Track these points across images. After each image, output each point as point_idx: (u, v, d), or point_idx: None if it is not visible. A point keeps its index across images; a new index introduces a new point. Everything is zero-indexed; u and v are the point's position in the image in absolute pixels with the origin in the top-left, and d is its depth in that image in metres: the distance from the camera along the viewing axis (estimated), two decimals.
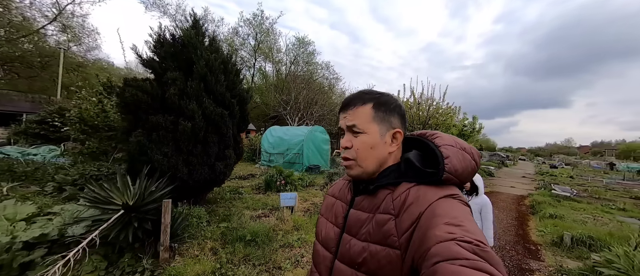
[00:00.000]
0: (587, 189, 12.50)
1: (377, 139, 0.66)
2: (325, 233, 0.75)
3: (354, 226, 0.67)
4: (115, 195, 2.53)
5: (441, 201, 0.56)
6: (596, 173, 26.12)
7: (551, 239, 4.64)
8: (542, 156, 69.87)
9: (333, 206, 0.78)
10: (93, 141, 5.64)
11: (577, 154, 79.27)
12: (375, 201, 0.66)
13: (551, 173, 21.55)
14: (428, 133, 0.70)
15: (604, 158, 58.58)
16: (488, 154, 39.55)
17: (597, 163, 40.77)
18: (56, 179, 4.72)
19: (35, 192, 4.41)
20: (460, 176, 0.62)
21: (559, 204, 7.80)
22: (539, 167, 31.07)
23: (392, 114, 0.67)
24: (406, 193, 0.61)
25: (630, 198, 10.89)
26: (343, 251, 0.66)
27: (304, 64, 28.48)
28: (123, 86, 3.60)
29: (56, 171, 5.32)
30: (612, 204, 8.69)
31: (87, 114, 5.45)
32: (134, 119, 3.57)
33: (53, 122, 9.09)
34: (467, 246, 0.43)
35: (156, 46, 3.73)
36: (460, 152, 0.64)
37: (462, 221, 0.50)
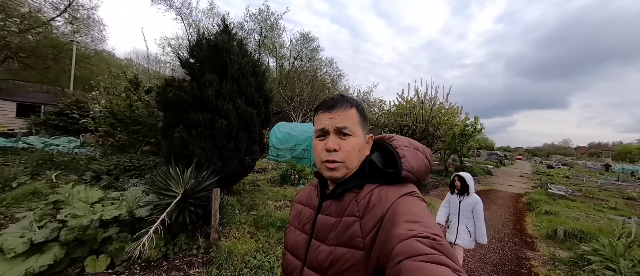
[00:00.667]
0: (582, 189, 12.98)
1: (363, 142, 0.69)
2: (294, 241, 0.74)
3: (322, 231, 0.67)
4: (173, 184, 2.92)
5: (401, 199, 0.59)
6: (592, 173, 26.64)
7: (546, 232, 5.09)
8: (539, 156, 70.58)
9: (301, 213, 0.78)
10: (123, 134, 6.00)
11: (574, 155, 79.98)
12: (341, 204, 0.67)
13: (548, 172, 22.08)
14: (386, 137, 0.75)
15: (600, 159, 59.22)
16: (486, 153, 40.07)
17: (593, 164, 41.40)
18: (93, 169, 5.10)
19: (75, 180, 4.79)
20: (416, 173, 0.66)
21: (554, 203, 8.24)
22: (536, 167, 31.62)
23: (366, 120, 0.72)
24: (369, 195, 0.63)
25: (623, 198, 11.35)
26: (311, 257, 0.67)
27: (307, 60, 28.68)
28: (164, 86, 3.95)
29: (88, 161, 5.70)
30: (605, 203, 9.14)
31: (117, 109, 5.80)
32: (174, 116, 3.94)
33: (72, 114, 9.41)
34: (426, 241, 0.47)
35: (193, 50, 4.08)
36: (415, 151, 0.69)
37: (421, 217, 0.53)
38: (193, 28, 24.75)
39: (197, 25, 24.88)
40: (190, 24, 24.57)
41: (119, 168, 5.15)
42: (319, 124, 0.69)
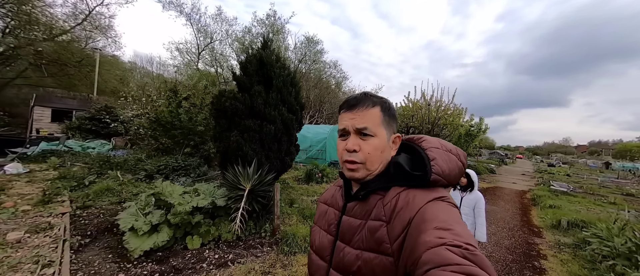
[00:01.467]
0: (583, 186, 13.49)
1: (385, 143, 0.66)
2: (319, 241, 0.74)
3: (347, 233, 0.66)
4: (242, 179, 3.50)
5: (430, 204, 0.56)
6: (592, 171, 27.03)
7: (551, 223, 5.64)
8: (540, 155, 70.94)
9: (326, 214, 0.77)
10: (164, 137, 6.60)
11: (574, 153, 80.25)
12: (366, 207, 0.65)
13: (549, 171, 22.56)
14: (415, 137, 0.72)
15: (600, 157, 59.41)
16: (487, 152, 40.55)
17: (594, 162, 41.75)
18: (145, 169, 5.70)
19: (133, 178, 5.39)
20: (448, 177, 0.63)
21: (556, 198, 8.78)
22: (538, 165, 32.07)
23: (393, 118, 0.68)
24: (396, 198, 0.61)
25: (621, 194, 11.87)
26: (337, 259, 0.66)
27: (312, 63, 29.28)
28: (219, 97, 4.55)
29: (136, 162, 6.29)
30: (604, 199, 9.68)
31: (162, 116, 6.39)
32: (228, 122, 4.53)
33: (103, 119, 10.02)
34: (457, 250, 0.44)
35: (245, 65, 4.68)
36: (446, 154, 0.66)
37: (451, 225, 0.50)
38: (201, 33, 25.41)
39: (205, 30, 25.55)
40: (199, 30, 25.23)
41: (168, 167, 5.75)
42: (341, 124, 0.68)
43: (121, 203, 4.17)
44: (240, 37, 26.24)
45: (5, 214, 3.25)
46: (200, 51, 25.81)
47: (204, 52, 25.89)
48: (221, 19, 25.90)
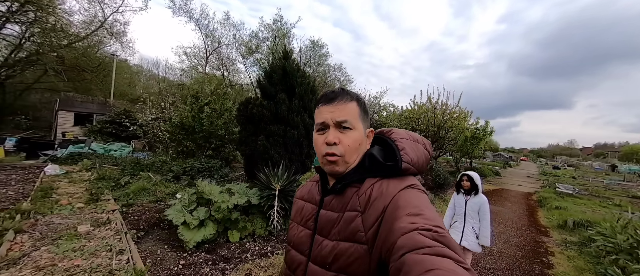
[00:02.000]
0: (588, 189, 13.59)
1: (363, 136, 0.68)
2: (298, 237, 0.75)
3: (325, 226, 0.67)
4: (273, 180, 3.84)
5: (402, 192, 0.59)
6: (598, 174, 26.94)
7: (557, 223, 5.88)
8: (544, 157, 70.40)
9: (302, 209, 0.78)
10: (187, 141, 6.97)
11: (579, 155, 79.42)
12: (343, 199, 0.66)
13: (554, 173, 22.59)
14: (385, 130, 0.74)
15: (606, 159, 58.77)
16: (492, 154, 40.49)
17: (599, 164, 41.43)
18: (172, 170, 6.07)
19: (162, 179, 5.75)
20: (416, 165, 0.66)
21: (562, 200, 8.98)
22: (542, 168, 31.99)
23: (367, 114, 0.71)
24: (371, 189, 0.63)
25: (628, 196, 11.99)
26: (315, 253, 0.67)
27: (316, 66, 29.69)
28: (245, 103, 4.92)
29: (162, 164, 6.67)
30: (610, 201, 9.84)
31: (186, 120, 6.76)
32: (254, 127, 4.89)
33: (123, 123, 10.46)
34: (428, 233, 0.47)
35: (271, 74, 5.04)
36: (414, 143, 0.69)
37: (422, 210, 0.53)
38: (209, 37, 25.98)
39: (212, 35, 26.14)
40: (207, 34, 25.83)
41: (193, 169, 6.11)
42: (319, 118, 0.68)
43: (158, 201, 4.54)
44: (247, 41, 26.82)
45: (66, 210, 3.62)
46: (208, 55, 26.38)
47: (211, 56, 26.47)
48: (229, 24, 26.46)
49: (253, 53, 27.59)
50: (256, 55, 28.09)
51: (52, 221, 3.23)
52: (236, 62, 28.44)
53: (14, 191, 4.41)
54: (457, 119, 13.34)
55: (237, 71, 29.10)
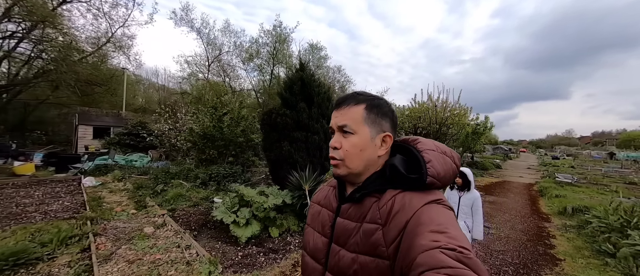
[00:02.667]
0: (587, 177, 14.08)
1: (368, 141, 0.65)
2: (314, 243, 0.73)
3: (342, 236, 0.65)
4: (303, 182, 4.30)
5: (426, 207, 0.56)
6: (596, 162, 27.39)
7: (557, 210, 6.35)
8: (543, 148, 70.94)
9: (319, 215, 0.75)
10: (213, 149, 7.42)
11: (578, 145, 79.99)
12: (361, 209, 0.64)
13: (553, 164, 23.08)
14: (410, 139, 0.70)
15: (604, 147, 59.20)
16: (491, 147, 40.97)
17: (598, 153, 41.91)
18: (199, 177, 6.53)
19: (192, 185, 6.21)
20: (443, 180, 0.62)
21: (562, 189, 9.45)
22: (542, 159, 32.48)
23: (383, 117, 0.67)
24: (392, 201, 0.60)
25: (624, 183, 12.47)
26: (332, 262, 0.65)
27: (315, 68, 30.18)
28: (268, 114, 5.38)
29: (187, 172, 7.13)
30: (607, 188, 10.31)
31: (208, 130, 7.22)
32: (278, 135, 5.35)
33: (140, 134, 10.91)
34: (451, 253, 0.44)
35: (291, 85, 5.51)
36: (442, 156, 0.65)
37: (447, 228, 0.50)
38: (210, 45, 26.50)
39: (213, 43, 26.67)
40: (209, 42, 26.35)
41: (219, 175, 6.58)
42: (330, 122, 0.69)
43: (196, 205, 5.00)
44: (247, 47, 27.37)
45: (124, 216, 4.08)
46: (209, 63, 26.87)
47: (213, 64, 26.96)
48: (229, 32, 27.02)
49: (253, 59, 28.18)
50: (256, 60, 28.65)
51: (118, 226, 3.69)
52: (236, 68, 28.87)
53: (69, 202, 4.87)
54: (458, 116, 13.85)
55: (238, 76, 29.50)
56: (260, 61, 28.84)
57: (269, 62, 28.70)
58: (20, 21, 12.38)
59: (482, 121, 13.87)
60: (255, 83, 30.16)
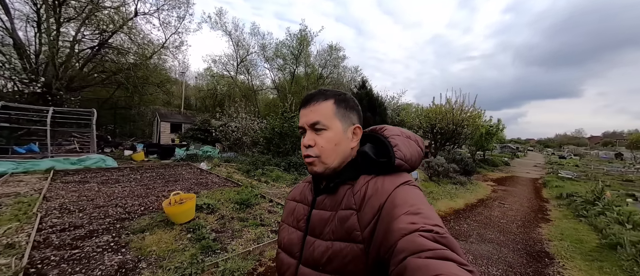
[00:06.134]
0: (588, 174, 15.69)
1: (341, 135, 0.67)
2: (288, 239, 0.73)
3: (318, 226, 0.66)
4: None
5: (398, 189, 0.58)
6: (601, 162, 28.53)
7: (555, 195, 8.23)
8: (551, 147, 71.00)
9: (294, 211, 0.77)
10: (283, 142, 9.51)
11: (587, 144, 79.47)
12: (336, 198, 0.66)
13: (559, 162, 24.50)
14: (377, 127, 0.73)
15: (614, 148, 59.03)
16: (499, 146, 42.14)
17: (606, 153, 42.51)
18: (281, 165, 8.65)
19: (280, 170, 8.33)
20: (409, 161, 0.65)
21: (562, 182, 11.24)
22: (549, 158, 33.66)
23: (351, 111, 0.69)
24: (365, 186, 0.62)
25: (621, 180, 14.06)
26: (307, 254, 0.66)
27: (332, 68, 31.96)
28: None
29: (267, 161, 9.26)
30: (603, 183, 12.01)
31: (284, 129, 9.27)
32: None
33: (209, 129, 13.10)
34: (429, 235, 0.46)
35: (357, 98, 7.51)
36: (407, 140, 0.68)
37: (420, 208, 0.52)
38: (240, 46, 28.65)
39: (243, 44, 28.82)
40: (237, 44, 28.49)
41: (297, 164, 8.69)
42: (299, 122, 0.70)
43: (294, 183, 7.11)
44: (275, 50, 29.51)
45: (267, 187, 6.22)
46: (238, 63, 29.03)
47: (241, 65, 29.12)
48: (256, 34, 29.20)
49: (277, 59, 30.37)
50: (279, 60, 30.69)
51: (268, 191, 5.82)
52: (259, 67, 31.03)
53: (213, 178, 7.07)
54: (472, 118, 15.60)
55: (259, 74, 31.67)
56: (282, 61, 30.91)
57: (293, 62, 30.64)
58: (102, 30, 14.67)
59: (495, 123, 15.52)
60: (277, 81, 32.34)
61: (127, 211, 4.11)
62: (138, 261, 2.68)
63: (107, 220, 3.70)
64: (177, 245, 3.12)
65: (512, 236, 4.44)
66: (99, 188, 5.45)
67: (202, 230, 3.47)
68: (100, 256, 2.73)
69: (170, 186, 5.98)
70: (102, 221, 3.67)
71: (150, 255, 2.84)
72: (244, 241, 3.33)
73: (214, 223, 3.88)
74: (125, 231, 3.39)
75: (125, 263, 2.63)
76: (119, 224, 3.61)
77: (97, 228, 3.40)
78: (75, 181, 5.96)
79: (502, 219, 5.43)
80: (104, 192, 5.11)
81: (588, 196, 5.84)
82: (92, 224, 3.51)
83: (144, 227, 3.52)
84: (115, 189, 5.36)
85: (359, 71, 32.47)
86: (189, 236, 3.34)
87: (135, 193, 5.21)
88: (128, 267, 2.57)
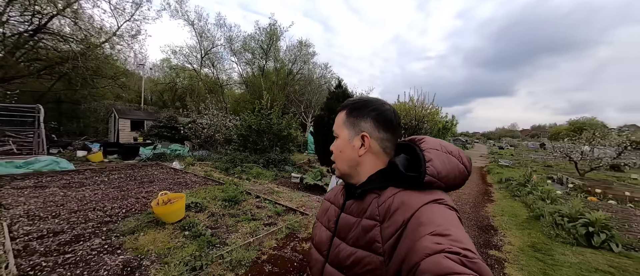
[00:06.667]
0: (520, 162, 18.60)
1: (346, 142, 0.71)
2: (319, 236, 0.77)
3: (343, 230, 0.68)
4: None
5: (426, 207, 0.55)
6: (530, 151, 33.83)
7: (497, 180, 9.78)
8: (492, 139, 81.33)
9: (327, 211, 0.80)
10: (260, 140, 9.52)
11: (519, 136, 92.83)
12: (363, 205, 0.66)
13: (499, 153, 28.46)
14: (416, 138, 0.70)
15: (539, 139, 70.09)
16: (452, 139, 47.14)
17: (533, 143, 50.41)
18: (260, 162, 8.70)
19: (259, 166, 8.38)
20: (444, 179, 0.61)
21: (502, 169, 13.26)
22: (491, 148, 38.74)
23: (363, 118, 0.69)
24: (391, 199, 0.61)
25: (544, 165, 17.02)
26: (333, 255, 0.68)
27: (302, 64, 32.08)
28: (320, 117, 7.77)
29: (245, 157, 9.20)
30: (531, 168, 14.45)
31: (261, 126, 9.28)
32: (330, 132, 7.79)
33: (177, 127, 12.32)
34: (456, 257, 0.43)
35: (334, 97, 7.94)
36: (446, 155, 0.64)
37: (448, 229, 0.49)
38: (204, 38, 27.12)
39: (207, 35, 27.32)
40: (201, 35, 26.91)
41: (276, 160, 8.84)
42: None
43: (275, 178, 7.30)
44: (243, 43, 28.46)
45: (248, 184, 6.28)
46: (202, 56, 27.42)
47: (206, 57, 27.56)
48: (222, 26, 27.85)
49: (245, 52, 29.42)
50: (247, 54, 29.76)
51: (252, 188, 5.94)
52: (226, 61, 29.64)
53: (190, 177, 6.86)
54: (431, 114, 17.35)
55: (225, 68, 30.38)
56: (250, 55, 29.99)
57: (262, 57, 29.87)
58: (34, 12, 12.62)
59: (450, 119, 17.53)
60: (245, 75, 31.32)
61: (108, 215, 3.94)
62: (141, 260, 2.72)
63: (90, 224, 3.54)
64: (174, 243, 3.18)
65: (466, 215, 5.34)
66: (65, 192, 5.00)
67: (196, 227, 3.55)
68: (99, 258, 2.70)
69: (146, 187, 5.72)
70: (85, 225, 3.50)
71: (149, 253, 2.88)
72: (241, 235, 3.51)
73: (206, 220, 3.96)
74: (113, 233, 3.32)
75: (129, 262, 2.66)
76: (105, 227, 3.49)
77: (82, 233, 3.26)
78: (31, 187, 5.34)
79: (458, 202, 6.40)
80: (72, 196, 4.72)
81: (520, 179, 7.20)
82: (75, 229, 3.34)
83: (133, 228, 3.47)
84: (85, 193, 4.98)
85: (329, 68, 32.94)
86: (184, 234, 3.41)
87: (109, 195, 4.91)
88: (133, 265, 2.61)
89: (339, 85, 8.39)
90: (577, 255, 3.47)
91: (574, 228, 3.83)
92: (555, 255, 3.49)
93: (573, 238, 3.79)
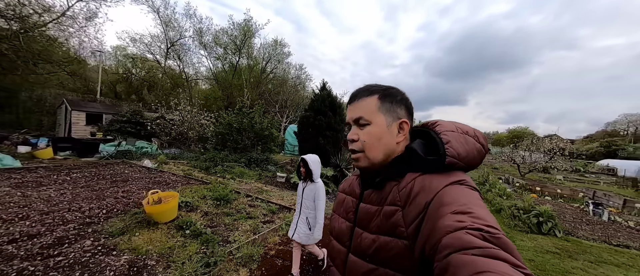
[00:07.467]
0: None
1: (384, 129, 0.66)
2: (339, 228, 0.76)
3: (364, 219, 0.67)
4: (339, 161, 7.12)
5: (447, 188, 0.55)
6: None
7: None
8: None
9: (344, 202, 0.79)
10: (242, 138, 9.25)
11: None
12: (382, 193, 0.65)
13: None
14: (430, 122, 0.69)
15: None
16: None
17: None
18: (241, 161, 8.47)
19: (241, 166, 8.15)
20: (465, 159, 0.60)
21: None
22: None
23: (398, 105, 0.67)
24: (412, 184, 0.60)
25: (491, 167, 19.44)
26: (355, 244, 0.68)
27: (276, 63, 31.73)
28: (307, 117, 7.91)
29: (224, 157, 8.85)
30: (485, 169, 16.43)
31: (237, 124, 9.02)
32: (315, 132, 7.94)
33: (144, 122, 11.21)
34: (478, 233, 0.42)
35: (318, 100, 8.12)
36: (462, 136, 0.63)
37: (470, 208, 0.48)
38: (170, 27, 25.27)
39: (174, 25, 25.51)
40: (167, 24, 25.04)
41: (258, 159, 8.69)
42: (346, 118, 0.70)
43: (259, 177, 7.21)
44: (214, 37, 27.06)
45: (234, 182, 6.08)
46: (168, 47, 25.47)
47: (171, 48, 25.65)
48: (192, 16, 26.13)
49: (216, 47, 28.07)
50: (218, 50, 28.44)
51: (241, 187, 5.80)
52: (194, 54, 27.87)
53: (168, 177, 6.40)
54: None
55: (192, 62, 28.66)
56: (222, 50, 28.70)
57: (235, 53, 28.74)
58: None
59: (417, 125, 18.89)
60: (214, 70, 29.81)
61: (87, 216, 3.57)
62: (145, 259, 2.58)
63: (71, 226, 3.19)
64: (172, 242, 3.05)
65: None
66: (23, 192, 4.33)
67: (194, 225, 3.43)
68: (97, 259, 2.48)
69: (121, 186, 5.23)
70: (65, 227, 3.14)
71: (149, 253, 2.74)
72: (242, 233, 3.49)
73: (200, 219, 3.83)
74: (101, 235, 3.05)
75: (134, 262, 2.51)
76: (89, 228, 3.18)
77: (64, 235, 2.93)
78: None
79: None
80: (36, 197, 4.12)
81: (480, 179, 8.24)
82: (55, 232, 2.99)
83: (122, 229, 3.23)
84: (49, 193, 4.38)
85: (304, 69, 32.90)
86: (184, 233, 3.28)
87: (81, 196, 4.40)
88: (138, 265, 2.47)
89: (323, 87, 8.62)
90: (531, 241, 4.17)
91: (528, 219, 4.58)
92: (516, 241, 4.16)
93: (527, 227, 4.54)
